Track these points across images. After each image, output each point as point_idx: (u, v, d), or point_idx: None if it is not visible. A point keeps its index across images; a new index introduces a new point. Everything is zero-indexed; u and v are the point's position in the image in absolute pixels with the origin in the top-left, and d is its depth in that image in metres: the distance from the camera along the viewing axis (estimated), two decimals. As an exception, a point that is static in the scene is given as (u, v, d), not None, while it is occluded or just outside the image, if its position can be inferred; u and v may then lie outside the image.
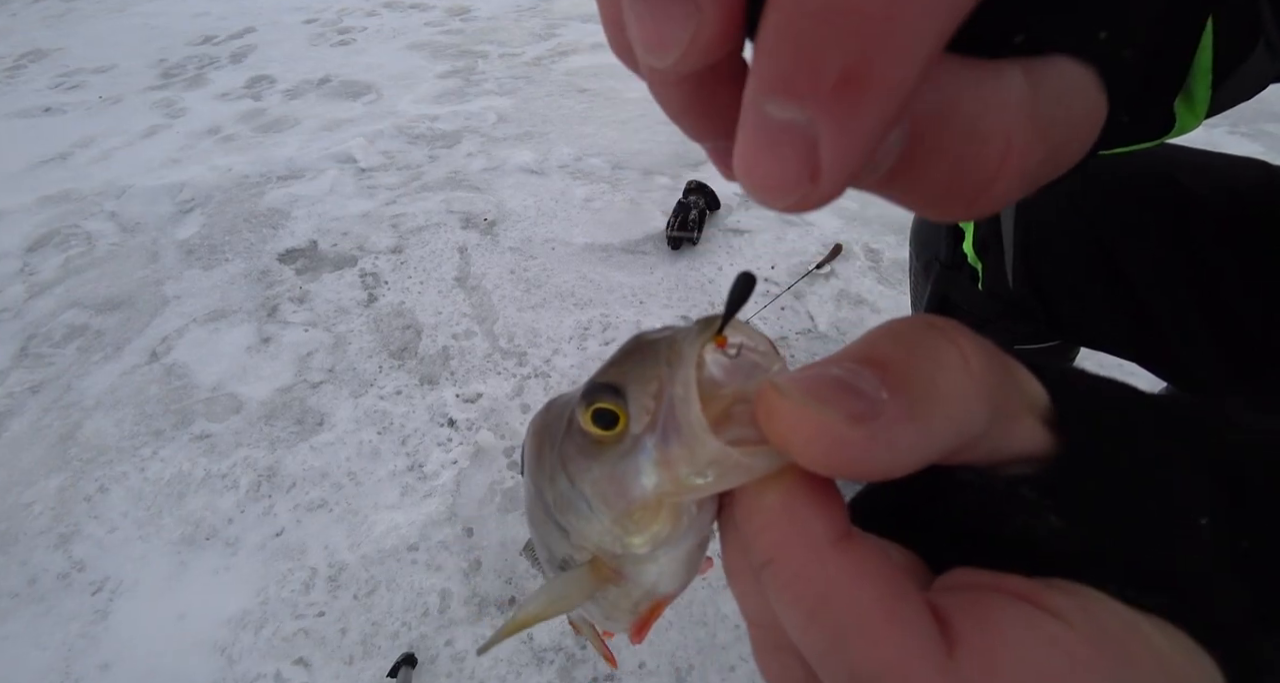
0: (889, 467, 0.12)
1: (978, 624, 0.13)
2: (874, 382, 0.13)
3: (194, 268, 1.59)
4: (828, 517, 0.14)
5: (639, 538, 0.16)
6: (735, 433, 0.14)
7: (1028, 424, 0.14)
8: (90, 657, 0.91)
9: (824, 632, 0.13)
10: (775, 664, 0.15)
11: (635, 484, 0.15)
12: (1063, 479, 0.14)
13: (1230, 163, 0.55)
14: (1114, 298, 0.57)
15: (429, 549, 1.01)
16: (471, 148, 1.99)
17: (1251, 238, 0.50)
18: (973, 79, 0.12)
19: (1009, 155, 0.12)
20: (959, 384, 0.13)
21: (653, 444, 0.15)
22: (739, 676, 0.86)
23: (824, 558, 0.13)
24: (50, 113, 2.38)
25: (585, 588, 0.17)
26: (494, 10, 3.03)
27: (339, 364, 1.32)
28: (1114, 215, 0.56)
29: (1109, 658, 0.12)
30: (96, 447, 1.18)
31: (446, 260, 1.56)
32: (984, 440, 0.14)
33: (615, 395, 0.16)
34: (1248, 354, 0.51)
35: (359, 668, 0.88)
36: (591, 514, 0.16)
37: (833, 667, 0.13)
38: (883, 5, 0.09)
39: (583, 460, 0.16)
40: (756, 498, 0.14)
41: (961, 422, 0.13)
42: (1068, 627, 0.13)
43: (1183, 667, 0.13)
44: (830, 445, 0.12)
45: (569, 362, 1.29)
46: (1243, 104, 0.32)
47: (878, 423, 0.12)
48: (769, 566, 0.14)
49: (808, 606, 0.13)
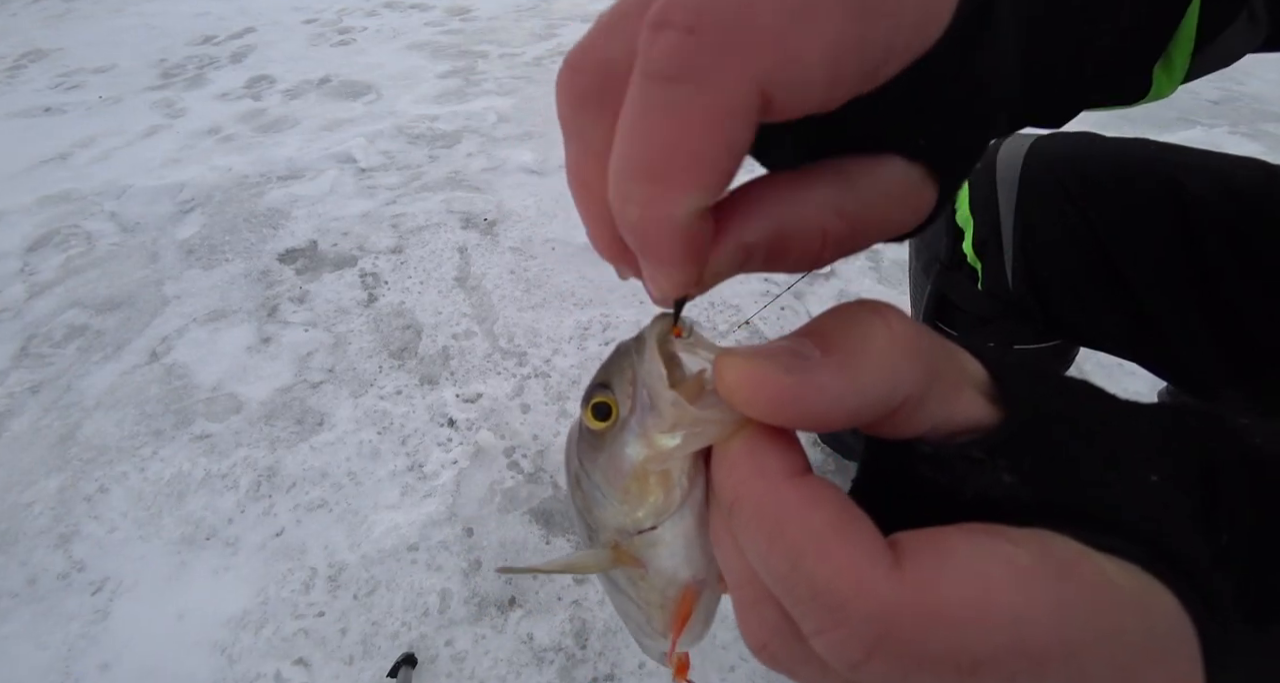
0: (821, 411, 0.15)
1: (928, 542, 0.14)
2: (810, 346, 0.15)
3: (194, 268, 1.59)
4: (783, 457, 0.16)
5: (641, 511, 0.18)
6: (704, 404, 0.17)
7: (969, 397, 0.16)
8: (90, 657, 0.91)
9: (783, 554, 0.14)
10: (754, 619, 0.17)
11: (624, 457, 0.18)
12: (1009, 440, 0.15)
13: (1230, 163, 0.55)
14: (1114, 298, 0.57)
15: (429, 549, 1.01)
16: (471, 148, 1.99)
17: (1252, 238, 0.50)
18: (791, 199, 0.16)
19: (826, 242, 0.17)
20: (882, 343, 0.15)
21: (634, 421, 0.18)
22: (739, 676, 0.86)
23: (780, 489, 0.15)
24: (50, 113, 2.38)
25: (601, 562, 0.20)
26: (494, 10, 3.03)
27: (339, 364, 1.32)
28: (1114, 215, 0.56)
29: (1053, 571, 0.13)
30: (96, 447, 1.18)
31: (446, 260, 1.56)
32: (926, 406, 0.15)
33: (604, 389, 0.19)
34: (1248, 354, 0.51)
35: (359, 668, 0.88)
36: (605, 500, 0.19)
37: (795, 588, 0.14)
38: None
39: (592, 454, 0.19)
40: (722, 449, 0.17)
41: (886, 376, 0.15)
42: (1013, 543, 0.14)
43: (1137, 594, 0.14)
44: (769, 391, 0.15)
45: (569, 362, 1.29)
46: (1242, 104, 0.33)
47: (810, 373, 0.14)
48: (734, 505, 0.16)
49: (767, 531, 0.15)
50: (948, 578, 0.13)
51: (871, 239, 0.18)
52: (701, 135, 0.13)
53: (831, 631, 0.14)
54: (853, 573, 0.13)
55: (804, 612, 0.14)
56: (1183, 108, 2.10)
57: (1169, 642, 0.14)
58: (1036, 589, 0.13)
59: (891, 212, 0.18)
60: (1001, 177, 0.62)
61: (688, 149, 0.13)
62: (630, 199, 0.14)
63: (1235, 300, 0.51)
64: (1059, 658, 0.13)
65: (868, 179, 0.17)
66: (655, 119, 0.13)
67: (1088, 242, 0.57)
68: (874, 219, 0.17)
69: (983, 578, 0.13)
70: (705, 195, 0.14)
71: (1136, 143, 0.59)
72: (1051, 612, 0.13)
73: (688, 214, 0.14)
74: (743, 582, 0.16)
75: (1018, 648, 0.13)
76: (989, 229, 0.63)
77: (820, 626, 0.14)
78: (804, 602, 0.14)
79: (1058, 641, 0.13)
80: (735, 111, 0.13)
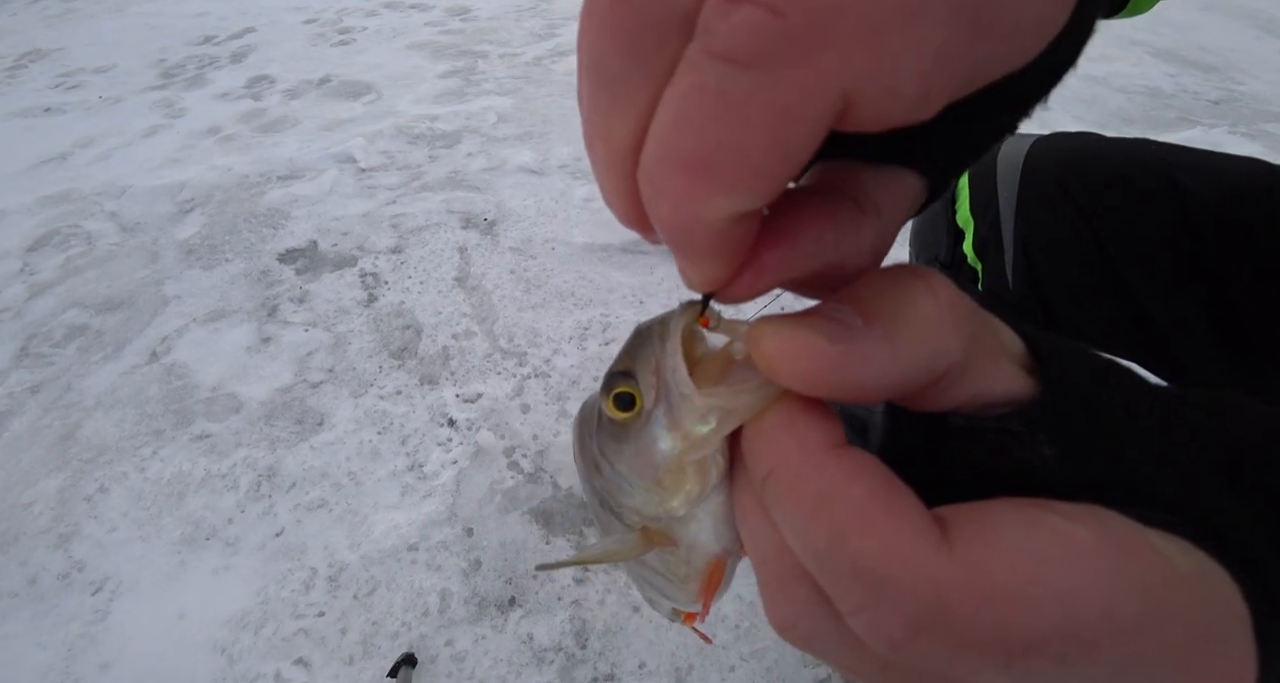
0: (866, 381, 0.14)
1: (976, 517, 0.13)
2: (851, 312, 0.14)
3: (194, 268, 1.59)
4: (822, 429, 0.15)
5: (675, 501, 0.18)
6: (733, 380, 0.16)
7: (1007, 369, 0.15)
8: (90, 657, 0.91)
9: (823, 529, 0.13)
10: (781, 597, 0.16)
11: (656, 451, 0.17)
12: (1048, 412, 0.15)
13: (1231, 162, 0.55)
14: (1114, 298, 0.57)
15: (429, 549, 1.01)
16: (471, 148, 1.99)
17: (1253, 238, 0.50)
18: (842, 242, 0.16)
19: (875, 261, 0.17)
20: (926, 312, 0.14)
21: (661, 412, 0.17)
22: (739, 676, 0.86)
23: (820, 461, 0.14)
24: (50, 113, 2.38)
25: (634, 548, 0.19)
26: (494, 10, 3.03)
27: (339, 364, 1.32)
28: (1114, 215, 0.56)
29: (1112, 548, 0.13)
30: (96, 447, 1.18)
31: (446, 260, 1.56)
32: (966, 378, 0.15)
33: (627, 379, 0.18)
34: (1248, 354, 0.51)
35: (359, 668, 0.88)
36: (632, 490, 0.18)
37: (835, 564, 0.13)
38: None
39: (614, 445, 0.18)
40: (756, 423, 0.16)
41: (931, 345, 0.14)
42: (1066, 518, 0.13)
43: (1193, 572, 0.13)
44: (811, 360, 0.14)
45: (569, 362, 1.29)
46: (1242, 104, 0.33)
47: (853, 341, 0.14)
48: (770, 476, 0.15)
49: (808, 505, 0.14)
50: (1001, 556, 0.12)
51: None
52: (763, 136, 0.11)
53: (874, 609, 0.13)
54: (899, 549, 0.13)
55: (844, 590, 0.13)
56: (1183, 108, 2.10)
57: (1226, 625, 0.13)
58: (1092, 568, 0.12)
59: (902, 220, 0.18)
60: (1002, 177, 0.62)
61: (743, 148, 0.11)
62: (663, 192, 0.13)
63: (1236, 300, 0.51)
64: (1112, 641, 0.12)
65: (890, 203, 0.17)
66: (712, 106, 0.11)
67: (1088, 242, 0.57)
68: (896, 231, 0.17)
69: (1038, 556, 0.12)
70: (750, 202, 0.12)
71: (1137, 143, 0.59)
72: (1109, 593, 0.12)
73: (724, 220, 0.13)
74: (772, 557, 0.16)
75: (1070, 632, 0.12)
76: (989, 230, 0.63)
77: (862, 604, 0.13)
78: (844, 579, 0.13)
79: (1113, 623, 0.12)
80: (809, 116, 0.11)
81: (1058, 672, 0.12)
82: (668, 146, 0.12)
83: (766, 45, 0.10)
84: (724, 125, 0.11)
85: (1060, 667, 0.12)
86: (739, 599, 0.93)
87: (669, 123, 0.12)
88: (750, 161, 0.12)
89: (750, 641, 0.90)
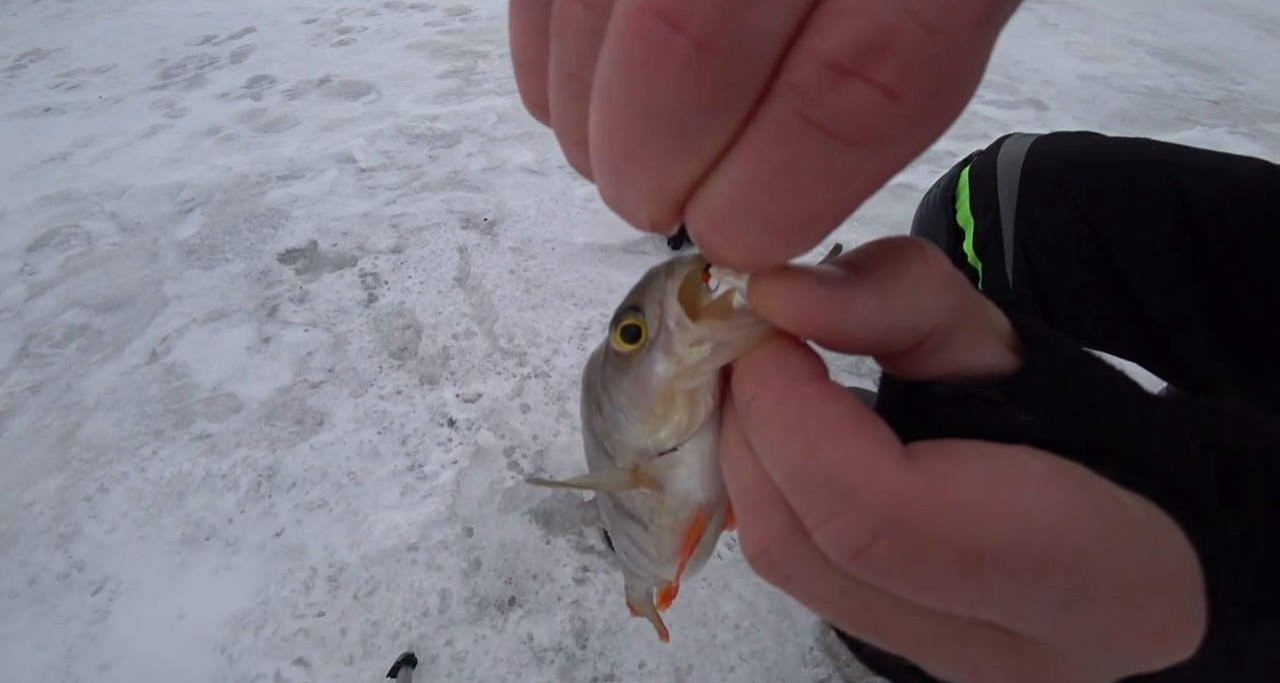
0: (851, 326, 0.15)
1: (941, 446, 0.14)
2: (845, 269, 0.15)
3: (194, 268, 1.59)
4: (805, 362, 0.16)
5: (665, 431, 0.19)
6: (731, 321, 0.17)
7: (993, 345, 0.16)
8: (90, 657, 0.91)
9: (799, 444, 0.15)
10: (757, 523, 0.17)
11: (652, 376, 0.18)
12: (1028, 383, 0.16)
13: (1232, 162, 0.55)
14: (1114, 298, 0.57)
15: (429, 549, 1.01)
16: (471, 148, 1.99)
17: (1253, 238, 0.50)
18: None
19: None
20: (916, 273, 0.15)
21: (661, 341, 0.18)
22: (739, 676, 0.86)
23: (801, 386, 0.15)
24: (50, 113, 2.38)
25: (620, 483, 0.20)
26: (494, 10, 3.03)
27: (339, 364, 1.32)
28: (1115, 215, 0.56)
29: (1067, 479, 0.14)
30: (96, 447, 1.18)
31: (446, 260, 1.56)
32: (951, 346, 0.16)
33: (635, 312, 0.19)
34: (1248, 354, 0.51)
35: (359, 668, 0.88)
36: (627, 422, 0.19)
37: (808, 476, 0.14)
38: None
39: (617, 376, 0.20)
40: (747, 356, 0.17)
41: (917, 303, 0.15)
42: (1028, 455, 0.14)
43: (1146, 521, 0.14)
44: (801, 300, 0.15)
45: (569, 362, 1.29)
46: (1242, 104, 0.33)
47: (842, 288, 0.15)
48: (754, 401, 0.16)
49: (787, 423, 0.15)
50: (961, 473, 0.13)
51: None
52: (853, 204, 0.12)
53: (839, 517, 0.14)
54: (865, 460, 0.14)
55: (813, 503, 0.14)
56: (1183, 108, 2.10)
57: (1174, 575, 0.14)
58: (1048, 491, 0.13)
59: None
60: (1002, 177, 0.62)
61: (831, 213, 0.12)
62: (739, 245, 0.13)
63: (1236, 300, 0.51)
64: (1062, 563, 0.13)
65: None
66: (811, 177, 0.11)
67: (1088, 242, 0.57)
68: None
69: (995, 476, 0.13)
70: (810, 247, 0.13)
71: (1137, 143, 0.59)
72: (1061, 515, 0.13)
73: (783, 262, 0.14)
74: (750, 485, 0.17)
75: (1024, 546, 0.13)
76: (990, 229, 0.63)
77: (828, 513, 0.14)
78: (814, 491, 0.14)
79: (1064, 545, 0.13)
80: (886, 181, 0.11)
81: (1009, 587, 0.13)
82: (753, 206, 0.12)
83: (878, 128, 0.10)
84: (821, 195, 0.11)
85: (1011, 581, 0.13)
86: (739, 599, 0.93)
87: (761, 185, 0.12)
88: (827, 224, 0.12)
89: (750, 641, 0.90)
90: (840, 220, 0.12)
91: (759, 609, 0.93)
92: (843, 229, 0.17)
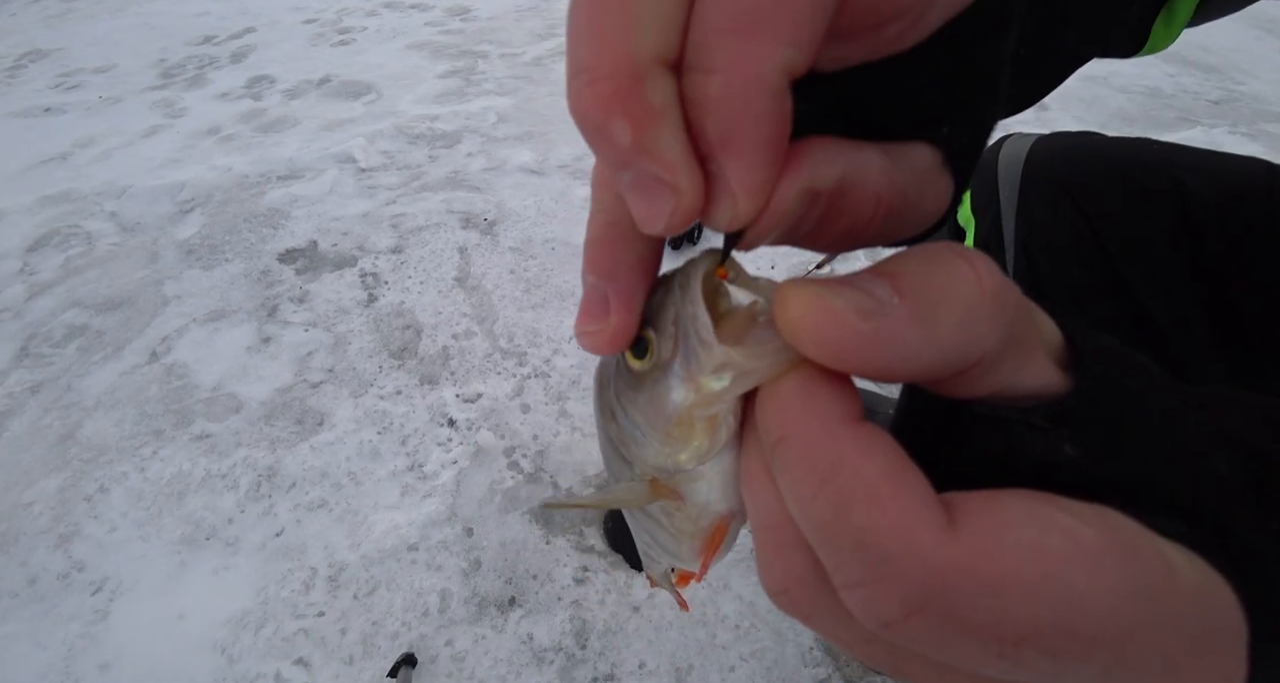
0: (892, 364, 0.13)
1: (985, 505, 0.13)
2: (886, 287, 0.14)
3: (194, 268, 1.59)
4: (839, 400, 0.14)
5: (684, 454, 0.17)
6: (753, 340, 0.16)
7: (1042, 362, 0.15)
8: (90, 657, 0.91)
9: (831, 500, 0.13)
10: (779, 564, 0.16)
11: (669, 402, 0.17)
12: (1076, 410, 0.14)
13: (1232, 162, 0.55)
14: (1114, 298, 0.57)
15: (429, 549, 1.01)
16: (471, 148, 1.99)
17: (1254, 238, 0.50)
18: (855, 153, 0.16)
19: (878, 208, 0.16)
20: (969, 297, 0.13)
21: (678, 363, 0.17)
22: (739, 676, 0.86)
23: (835, 432, 0.14)
24: (50, 113, 2.38)
25: (640, 498, 0.19)
26: (494, 10, 3.03)
27: (339, 364, 1.32)
28: (1115, 215, 0.56)
29: (1119, 550, 0.12)
30: (96, 447, 1.18)
31: (446, 260, 1.56)
32: (999, 369, 0.14)
33: (645, 326, 0.18)
34: (1248, 354, 0.51)
35: (359, 668, 0.88)
36: (644, 440, 0.18)
37: (836, 536, 0.13)
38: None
39: (630, 393, 0.19)
40: (772, 387, 0.15)
41: (969, 333, 0.13)
42: (1077, 518, 0.13)
43: (1198, 585, 0.13)
44: (837, 333, 0.13)
45: (569, 362, 1.29)
46: (1242, 104, 0.33)
47: (885, 320, 0.13)
48: (782, 442, 0.14)
49: (818, 475, 0.14)
50: (1006, 546, 0.12)
51: (907, 224, 0.18)
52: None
53: (871, 585, 0.13)
54: (904, 528, 0.13)
55: (842, 562, 0.13)
56: (1183, 108, 2.10)
57: (1222, 639, 0.13)
58: (1098, 569, 0.12)
59: (925, 195, 0.17)
60: (1003, 176, 0.62)
61: (787, 7, 0.12)
62: (714, 65, 0.13)
63: (1236, 301, 0.51)
64: (1109, 643, 0.12)
65: (905, 158, 0.17)
66: None
67: (1089, 241, 0.57)
68: (913, 198, 0.17)
69: (1044, 550, 0.12)
70: (798, 53, 0.13)
71: (1138, 142, 0.59)
72: (1111, 594, 0.12)
73: (780, 73, 0.13)
74: (773, 524, 0.16)
75: (1068, 628, 0.12)
76: (991, 229, 0.63)
77: (859, 579, 0.13)
78: (844, 552, 0.13)
79: (1112, 625, 0.12)
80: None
81: (1049, 667, 0.12)
82: (712, 11, 0.12)
83: None
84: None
85: (1052, 662, 0.12)
86: (739, 599, 0.93)
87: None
88: (792, 9, 0.12)
89: (750, 641, 0.90)
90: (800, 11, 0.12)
91: (759, 609, 0.93)
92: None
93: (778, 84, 0.13)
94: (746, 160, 0.14)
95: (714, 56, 0.13)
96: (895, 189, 0.16)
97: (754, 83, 0.13)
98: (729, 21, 0.12)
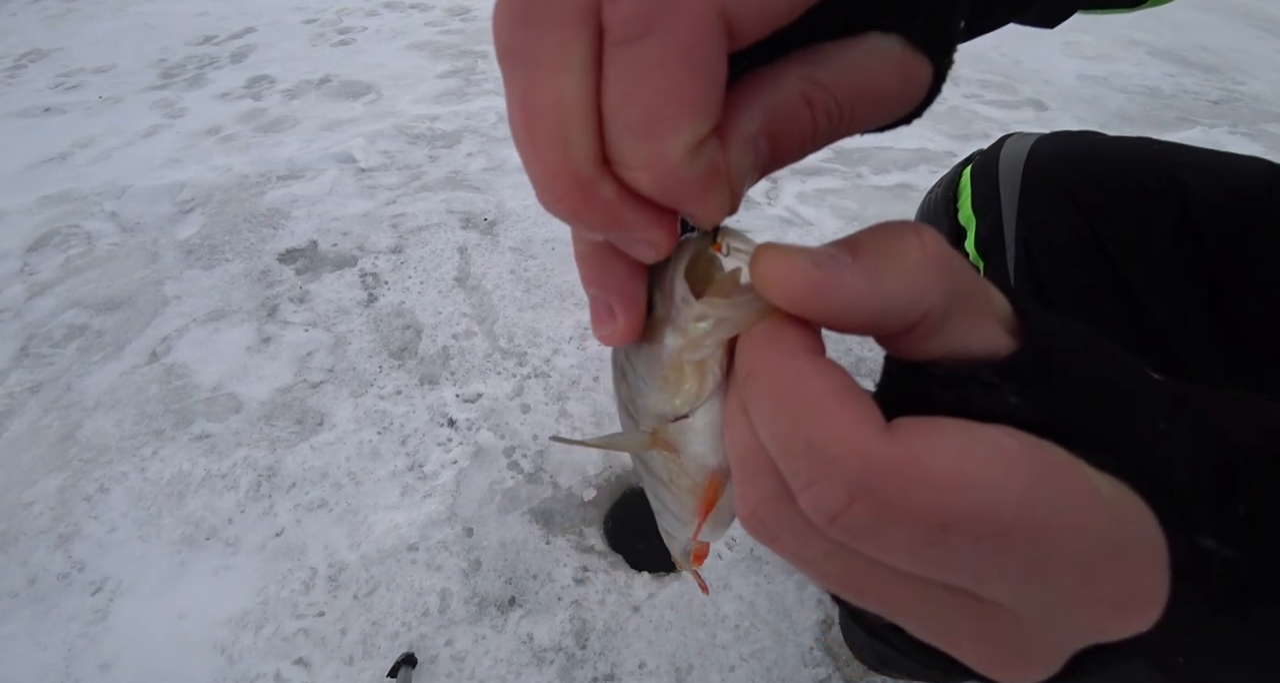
0: (841, 307, 0.16)
1: (922, 421, 0.15)
2: (844, 249, 0.16)
3: (194, 268, 1.59)
4: (801, 337, 0.17)
5: (678, 398, 0.20)
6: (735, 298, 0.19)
7: (989, 326, 0.17)
8: (90, 657, 0.91)
9: (788, 414, 0.16)
10: (750, 488, 0.18)
11: (663, 348, 0.20)
12: (1021, 366, 0.16)
13: (1233, 161, 0.55)
14: (1114, 298, 0.57)
15: (429, 549, 1.01)
16: (471, 148, 1.99)
17: (1254, 237, 0.50)
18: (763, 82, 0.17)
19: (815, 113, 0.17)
20: (913, 258, 0.16)
21: (670, 317, 0.20)
22: (739, 676, 0.86)
23: (796, 361, 0.16)
24: (50, 113, 2.38)
25: (639, 444, 0.22)
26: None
27: (339, 364, 1.32)
28: (1116, 214, 0.56)
29: (1035, 455, 0.14)
30: (96, 447, 1.18)
31: (446, 260, 1.56)
32: (947, 328, 0.16)
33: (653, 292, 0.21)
34: (1248, 354, 0.51)
35: (359, 668, 0.88)
36: (647, 389, 0.21)
37: (793, 444, 0.15)
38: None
39: (634, 349, 0.22)
40: (747, 332, 0.18)
41: (909, 288, 0.16)
42: (1004, 434, 0.15)
43: (1114, 500, 0.15)
44: (795, 280, 0.16)
45: (569, 362, 1.29)
46: (1242, 104, 0.33)
47: (836, 270, 0.16)
48: (751, 374, 0.17)
49: (775, 395, 0.16)
50: (935, 446, 0.14)
51: (868, 111, 0.18)
52: (680, 82, 0.14)
53: (820, 483, 0.15)
54: (847, 431, 0.15)
55: (798, 467, 0.15)
56: (1183, 108, 2.10)
57: (1135, 551, 0.15)
58: (1014, 466, 0.14)
59: (878, 79, 0.18)
60: (1004, 176, 0.62)
61: (673, 99, 0.14)
62: (635, 162, 0.15)
63: (1236, 301, 0.51)
64: (1024, 535, 0.14)
65: (838, 51, 0.18)
66: (634, 81, 0.14)
67: (1089, 241, 0.57)
68: (860, 87, 0.18)
69: (967, 450, 0.14)
70: (704, 124, 0.15)
71: (1139, 142, 0.59)
72: (1025, 490, 0.14)
73: (692, 147, 0.15)
74: (746, 452, 0.18)
75: (987, 516, 0.14)
76: (992, 229, 0.63)
77: (810, 478, 0.15)
78: (799, 456, 0.15)
79: (1026, 518, 0.14)
80: (701, 51, 0.14)
81: (973, 554, 0.14)
82: (624, 115, 0.14)
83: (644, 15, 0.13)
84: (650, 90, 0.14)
85: (975, 549, 0.14)
86: (739, 599, 0.93)
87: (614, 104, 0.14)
88: (684, 103, 0.14)
89: (750, 641, 0.90)
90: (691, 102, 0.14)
91: (759, 609, 0.93)
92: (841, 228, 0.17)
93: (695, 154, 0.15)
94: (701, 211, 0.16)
95: (633, 155, 0.15)
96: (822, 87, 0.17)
97: (674, 170, 0.15)
98: (635, 125, 0.14)
